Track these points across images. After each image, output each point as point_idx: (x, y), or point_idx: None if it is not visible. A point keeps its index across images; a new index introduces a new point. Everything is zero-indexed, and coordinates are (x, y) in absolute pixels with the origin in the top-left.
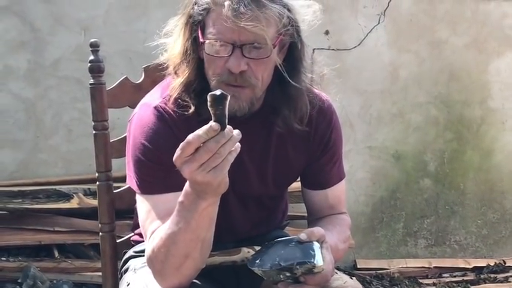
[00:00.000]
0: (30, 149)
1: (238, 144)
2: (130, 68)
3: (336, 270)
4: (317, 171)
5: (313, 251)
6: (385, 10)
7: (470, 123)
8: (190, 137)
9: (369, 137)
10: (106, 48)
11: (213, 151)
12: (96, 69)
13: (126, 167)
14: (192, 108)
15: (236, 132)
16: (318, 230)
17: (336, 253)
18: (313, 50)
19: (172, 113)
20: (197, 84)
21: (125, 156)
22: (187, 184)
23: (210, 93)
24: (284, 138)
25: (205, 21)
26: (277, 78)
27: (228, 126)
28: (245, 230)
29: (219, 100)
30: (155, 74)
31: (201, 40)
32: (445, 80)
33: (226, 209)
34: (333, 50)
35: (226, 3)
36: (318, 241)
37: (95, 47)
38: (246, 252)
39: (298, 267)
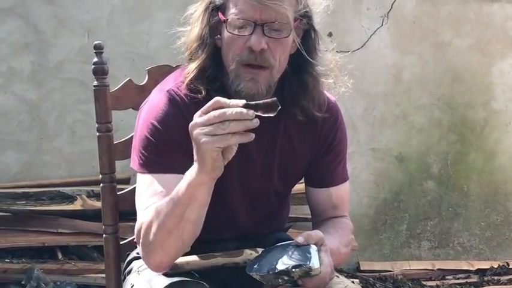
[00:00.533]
0: (33, 150)
1: (252, 135)
2: (133, 69)
3: (337, 274)
4: (321, 169)
5: (310, 253)
6: (388, 12)
7: (473, 125)
8: (215, 99)
9: (372, 139)
10: (109, 50)
11: (222, 118)
12: (100, 71)
13: (131, 152)
14: (204, 93)
15: (255, 120)
16: (315, 233)
17: (337, 256)
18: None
19: (184, 96)
20: (211, 71)
21: (128, 157)
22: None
23: (271, 99)
24: (291, 133)
25: (226, 4)
26: (293, 68)
27: (250, 111)
28: (246, 226)
29: (269, 105)
30: (159, 76)
31: (223, 19)
32: (448, 82)
33: (228, 198)
34: (336, 52)
35: None
36: (316, 244)
37: (98, 49)
38: (249, 254)
39: (294, 270)
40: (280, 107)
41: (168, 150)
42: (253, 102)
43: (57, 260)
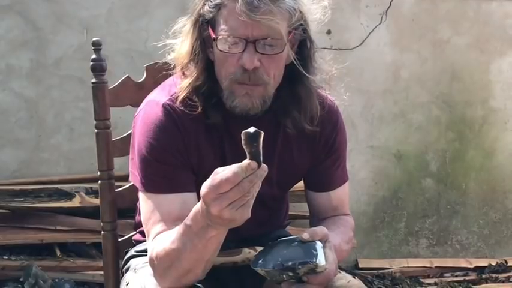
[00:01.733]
0: (32, 148)
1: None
2: (132, 66)
3: (339, 270)
4: (321, 173)
5: (316, 250)
6: (387, 9)
7: (472, 123)
8: (229, 174)
9: (370, 136)
10: (108, 47)
11: (246, 190)
12: (98, 68)
13: (129, 163)
14: (200, 109)
15: (265, 167)
16: (320, 230)
17: (339, 253)
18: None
19: (179, 112)
20: (206, 87)
21: (127, 154)
22: (197, 209)
23: (243, 131)
24: (290, 140)
25: (216, 19)
26: (286, 79)
27: (262, 164)
28: (247, 230)
29: (254, 138)
30: (157, 73)
31: (214, 36)
32: (447, 80)
33: None
34: (334, 49)
35: None
36: (320, 241)
37: (97, 46)
38: (247, 252)
39: (300, 266)
40: (263, 133)
41: (169, 169)
42: (249, 151)
43: (55, 257)
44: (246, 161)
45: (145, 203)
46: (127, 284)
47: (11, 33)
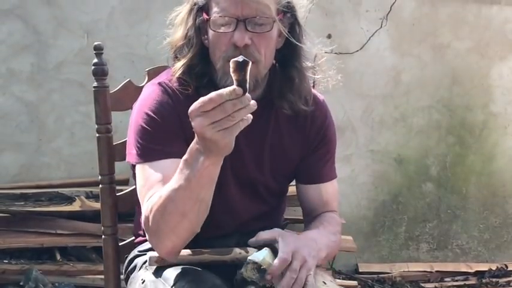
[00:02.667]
0: (32, 151)
1: (250, 116)
2: (133, 71)
3: (331, 279)
4: (311, 165)
5: (261, 253)
6: (387, 14)
7: (472, 128)
8: (213, 94)
9: (371, 140)
10: (109, 51)
11: (228, 113)
12: (99, 72)
13: (127, 148)
14: (192, 88)
15: (253, 102)
16: (262, 233)
17: (330, 244)
18: (315, 55)
19: (174, 89)
20: (199, 68)
21: None
22: (193, 142)
23: (232, 59)
24: (281, 128)
25: (209, 4)
26: (280, 63)
27: (247, 94)
28: (246, 219)
29: (242, 66)
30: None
31: (206, 18)
32: (447, 84)
33: (226, 191)
34: (335, 54)
35: None
36: (271, 241)
37: (98, 50)
38: (238, 253)
39: (243, 270)
40: (250, 62)
41: (164, 137)
42: (236, 78)
43: (55, 261)
44: (232, 86)
45: (140, 174)
46: (143, 282)
47: (12, 38)
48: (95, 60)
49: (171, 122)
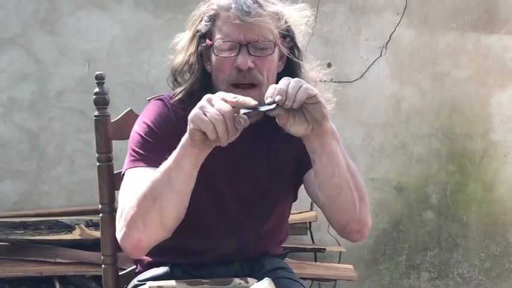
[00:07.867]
0: (32, 179)
1: (245, 118)
2: (134, 99)
3: None
4: (306, 153)
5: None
6: (386, 43)
7: (472, 156)
8: (236, 95)
9: (371, 168)
10: (110, 79)
11: (217, 111)
12: (101, 102)
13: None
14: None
15: (243, 118)
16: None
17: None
18: (315, 81)
19: (175, 108)
20: (199, 93)
21: None
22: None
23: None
24: (278, 146)
25: (212, 31)
26: None
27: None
28: (248, 238)
29: (256, 113)
30: None
31: (210, 43)
32: (447, 113)
33: (226, 207)
34: (335, 82)
35: (233, 5)
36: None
37: (100, 80)
38: (238, 283)
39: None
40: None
41: (160, 148)
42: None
43: None
44: (252, 101)
45: (125, 180)
46: None
47: (13, 66)
48: (97, 89)
49: (168, 135)
